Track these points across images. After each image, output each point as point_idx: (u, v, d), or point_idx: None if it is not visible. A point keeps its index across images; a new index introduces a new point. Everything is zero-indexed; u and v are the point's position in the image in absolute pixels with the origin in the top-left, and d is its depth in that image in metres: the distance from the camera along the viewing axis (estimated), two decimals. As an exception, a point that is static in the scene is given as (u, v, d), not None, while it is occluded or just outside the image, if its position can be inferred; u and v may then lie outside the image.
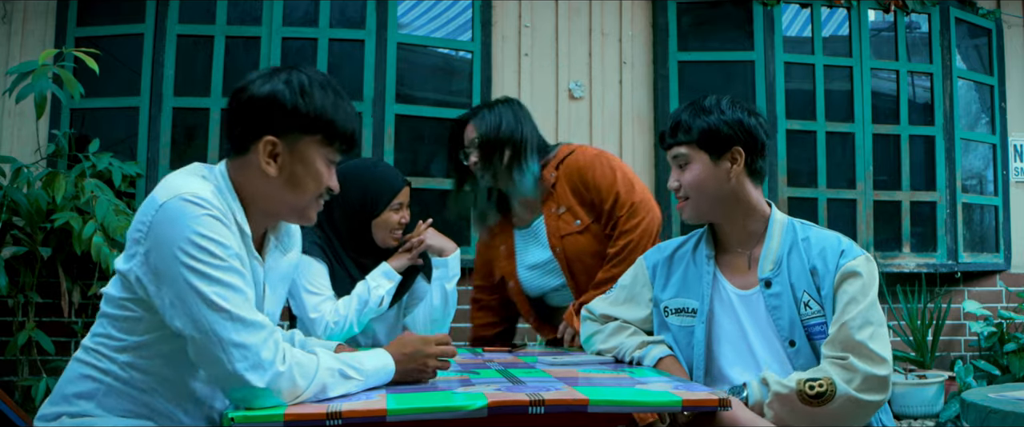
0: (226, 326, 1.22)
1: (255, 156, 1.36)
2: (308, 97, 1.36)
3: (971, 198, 4.41)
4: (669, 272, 1.82)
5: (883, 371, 1.51)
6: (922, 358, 4.12)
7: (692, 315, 1.74)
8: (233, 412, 1.19)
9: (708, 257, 1.76)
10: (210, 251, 1.25)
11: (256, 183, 1.38)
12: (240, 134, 1.37)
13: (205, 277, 1.23)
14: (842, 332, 1.54)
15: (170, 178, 1.35)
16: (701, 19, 4.24)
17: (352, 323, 2.10)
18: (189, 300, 1.23)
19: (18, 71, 2.91)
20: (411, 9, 3.96)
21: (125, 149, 3.58)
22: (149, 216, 1.28)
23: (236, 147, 1.39)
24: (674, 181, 1.74)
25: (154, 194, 1.31)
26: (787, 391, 1.49)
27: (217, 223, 1.27)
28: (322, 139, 1.38)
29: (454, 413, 1.21)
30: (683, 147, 1.71)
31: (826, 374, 1.50)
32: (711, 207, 1.72)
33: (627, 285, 1.91)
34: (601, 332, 1.91)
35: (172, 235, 1.25)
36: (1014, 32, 4.59)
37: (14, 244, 3.12)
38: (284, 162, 1.37)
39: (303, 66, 1.42)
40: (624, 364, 1.78)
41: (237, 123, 1.38)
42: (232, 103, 1.39)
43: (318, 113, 1.36)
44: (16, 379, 3.20)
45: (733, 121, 1.68)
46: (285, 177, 1.37)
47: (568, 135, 3.98)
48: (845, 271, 1.60)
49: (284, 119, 1.35)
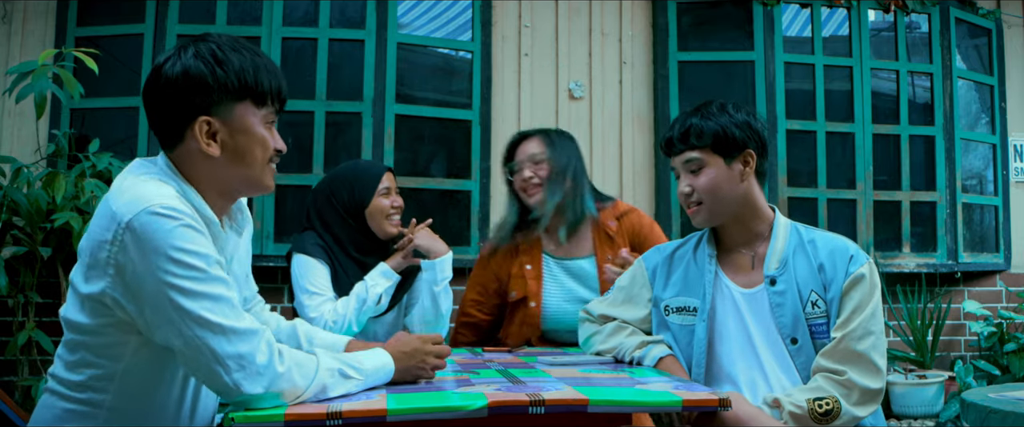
0: (218, 340, 1.18)
1: (193, 141, 1.29)
2: (225, 64, 1.29)
3: (971, 198, 4.41)
4: (669, 272, 1.83)
5: (878, 384, 1.58)
6: (922, 358, 4.11)
7: (693, 313, 1.75)
8: (234, 412, 1.19)
9: (710, 256, 1.77)
10: (190, 265, 1.19)
11: (202, 167, 1.31)
12: (170, 123, 1.30)
13: (190, 294, 1.18)
14: (843, 344, 1.59)
15: (126, 186, 1.25)
16: (701, 19, 4.23)
17: (351, 322, 2.10)
18: (176, 319, 1.18)
19: (18, 71, 2.91)
20: (411, 9, 3.96)
21: (125, 149, 3.58)
22: (114, 233, 1.19)
23: (170, 137, 1.31)
24: (686, 187, 1.73)
25: (112, 208, 1.22)
26: (801, 411, 1.54)
27: (191, 232, 1.21)
28: (252, 102, 1.32)
29: (454, 413, 1.21)
30: (696, 152, 1.71)
31: (829, 393, 1.56)
32: (725, 210, 1.73)
33: (625, 286, 1.91)
34: (600, 333, 1.91)
35: (148, 253, 1.17)
36: (1014, 32, 4.59)
37: (14, 244, 3.12)
38: (224, 138, 1.30)
39: (209, 35, 1.33)
40: (624, 364, 1.78)
41: (162, 112, 1.30)
42: (150, 92, 1.31)
43: (241, 78, 1.30)
44: (16, 379, 3.20)
45: (742, 123, 1.71)
46: (230, 152, 1.31)
47: (568, 135, 3.99)
48: (855, 277, 1.63)
49: (209, 94, 1.28)
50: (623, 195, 4.01)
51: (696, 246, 1.83)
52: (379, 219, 2.23)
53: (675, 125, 1.77)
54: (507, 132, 3.90)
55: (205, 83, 1.27)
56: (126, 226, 1.19)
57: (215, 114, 1.29)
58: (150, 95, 1.31)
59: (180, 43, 1.33)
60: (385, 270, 2.20)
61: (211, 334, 1.18)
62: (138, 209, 1.19)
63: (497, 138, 3.89)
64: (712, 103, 1.75)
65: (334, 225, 2.22)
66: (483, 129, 3.85)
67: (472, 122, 3.84)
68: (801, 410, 1.54)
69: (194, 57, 1.28)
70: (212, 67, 1.28)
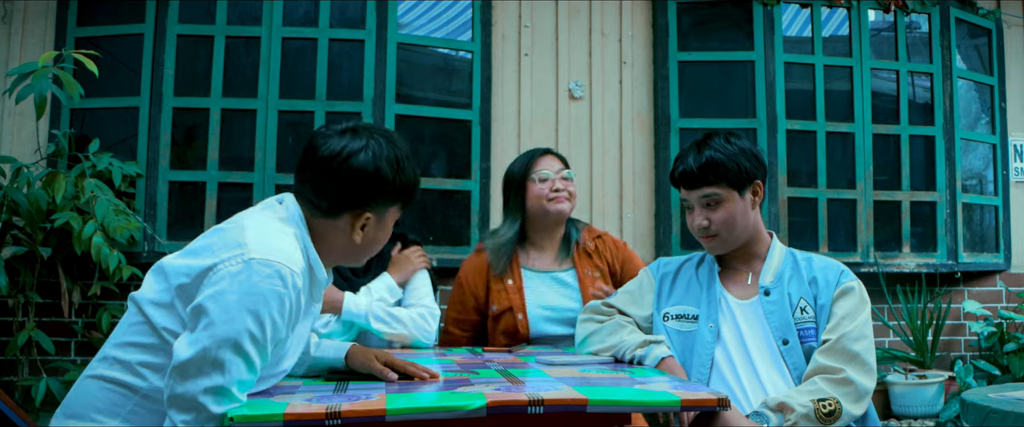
0: (217, 391, 1.22)
1: (345, 223, 1.42)
2: (403, 173, 1.43)
3: (971, 198, 4.41)
4: (673, 285, 1.93)
5: (872, 384, 1.68)
6: (922, 358, 4.11)
7: (693, 321, 1.84)
8: (233, 411, 1.19)
9: (712, 271, 1.88)
10: (263, 329, 1.25)
11: (337, 241, 1.43)
12: (335, 200, 1.40)
13: (241, 349, 1.23)
14: (840, 342, 1.68)
15: (264, 228, 1.34)
16: (701, 19, 4.23)
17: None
18: (211, 350, 1.21)
19: (18, 72, 2.91)
20: (411, 9, 3.96)
21: (125, 149, 3.58)
22: (234, 255, 1.27)
23: (326, 209, 1.41)
24: (704, 220, 1.81)
25: (242, 240, 1.30)
26: (806, 411, 1.60)
27: (287, 306, 1.29)
28: (401, 206, 1.48)
29: (453, 413, 1.21)
30: (717, 188, 1.79)
31: (829, 394, 1.62)
32: (738, 240, 1.85)
33: (633, 290, 1.99)
34: (599, 331, 1.93)
35: (248, 292, 1.24)
36: (1014, 32, 4.59)
37: (14, 244, 3.12)
38: (370, 229, 1.44)
39: (382, 130, 1.45)
40: (623, 364, 1.78)
41: (332, 189, 1.39)
42: (327, 167, 1.39)
43: (409, 187, 1.45)
44: (16, 379, 3.20)
45: (751, 154, 1.81)
46: (366, 241, 1.45)
47: (568, 135, 3.99)
48: (844, 288, 1.76)
49: (382, 195, 1.42)
50: (623, 195, 4.01)
51: (698, 264, 1.94)
52: None
53: (687, 158, 1.83)
54: (507, 132, 3.91)
55: (385, 185, 1.41)
56: (248, 259, 1.26)
57: (375, 211, 1.43)
58: (326, 168, 1.39)
59: (362, 126, 1.44)
60: (392, 287, 2.25)
61: (217, 382, 1.22)
62: (268, 256, 1.27)
63: (497, 138, 3.89)
64: (716, 136, 1.83)
65: None
66: (483, 129, 3.85)
67: (472, 122, 3.84)
68: (807, 410, 1.59)
69: (386, 162, 1.40)
70: (396, 173, 1.41)
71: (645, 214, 4.03)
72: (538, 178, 2.36)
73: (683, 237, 3.95)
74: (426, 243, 3.56)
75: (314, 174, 1.41)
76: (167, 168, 3.56)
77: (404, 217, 2.31)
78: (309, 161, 1.42)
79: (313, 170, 1.41)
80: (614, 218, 4.00)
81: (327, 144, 1.40)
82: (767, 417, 1.58)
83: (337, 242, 1.43)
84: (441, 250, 3.73)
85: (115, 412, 1.33)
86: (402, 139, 1.47)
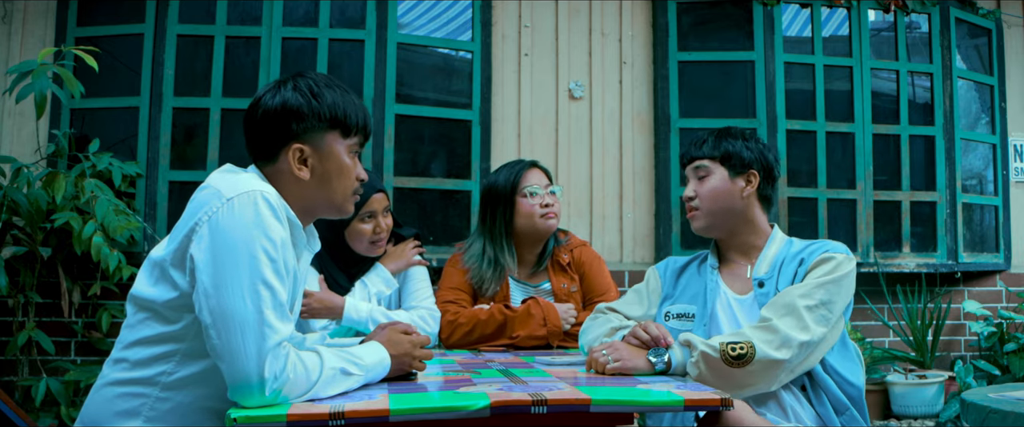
0: (260, 327, 1.24)
1: (285, 164, 1.43)
2: (319, 98, 1.44)
3: (971, 198, 4.41)
4: (677, 282, 1.95)
5: (801, 337, 1.61)
6: (922, 358, 4.12)
7: (691, 320, 1.85)
8: (235, 412, 1.19)
9: (712, 267, 1.90)
10: (273, 253, 1.29)
11: (291, 187, 1.44)
12: (266, 145, 1.44)
13: (260, 275, 1.26)
14: (784, 296, 1.68)
15: (231, 177, 1.38)
16: (701, 19, 4.23)
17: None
18: (232, 288, 1.25)
19: (18, 71, 2.91)
20: (411, 9, 3.96)
21: (125, 149, 3.58)
22: (213, 207, 1.30)
23: (264, 156, 1.45)
24: (690, 191, 1.89)
25: (216, 188, 1.34)
26: (712, 352, 1.58)
27: (280, 227, 1.32)
28: (340, 133, 1.46)
29: (457, 413, 1.21)
30: (706, 160, 1.87)
31: (747, 338, 1.60)
32: (720, 220, 1.87)
33: (641, 289, 2.01)
34: (589, 329, 1.96)
35: (247, 225, 1.28)
36: (1014, 32, 4.59)
37: (14, 244, 3.12)
38: (313, 163, 1.45)
39: (305, 72, 1.49)
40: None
41: (259, 136, 1.45)
42: (250, 119, 1.46)
43: (332, 110, 1.45)
44: (16, 379, 3.20)
45: (755, 149, 1.87)
46: (318, 177, 1.45)
47: (568, 135, 3.99)
48: (822, 257, 1.75)
49: (303, 123, 1.43)
50: (623, 195, 4.01)
51: (701, 262, 1.96)
52: (358, 242, 2.22)
53: (695, 137, 1.93)
54: (507, 132, 3.91)
55: (301, 113, 1.43)
56: (228, 200, 1.30)
57: (307, 142, 1.44)
58: (250, 121, 1.46)
59: (280, 77, 1.49)
60: (387, 279, 2.27)
61: (253, 316, 1.24)
62: (248, 189, 1.32)
63: (497, 138, 3.89)
64: (734, 129, 1.91)
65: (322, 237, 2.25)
66: (483, 129, 3.85)
67: (472, 122, 3.84)
68: (713, 351, 1.57)
69: (293, 90, 1.44)
70: (308, 99, 1.43)
71: (645, 214, 4.03)
72: (528, 193, 2.34)
73: (683, 237, 3.96)
74: (426, 243, 3.56)
75: (246, 131, 1.48)
76: (167, 168, 3.56)
77: (404, 217, 2.32)
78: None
79: (247, 131, 1.48)
80: (614, 218, 4.00)
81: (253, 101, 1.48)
82: (670, 354, 1.59)
83: (293, 186, 1.44)
84: (441, 250, 3.72)
85: (136, 412, 1.33)
86: (329, 77, 1.50)
